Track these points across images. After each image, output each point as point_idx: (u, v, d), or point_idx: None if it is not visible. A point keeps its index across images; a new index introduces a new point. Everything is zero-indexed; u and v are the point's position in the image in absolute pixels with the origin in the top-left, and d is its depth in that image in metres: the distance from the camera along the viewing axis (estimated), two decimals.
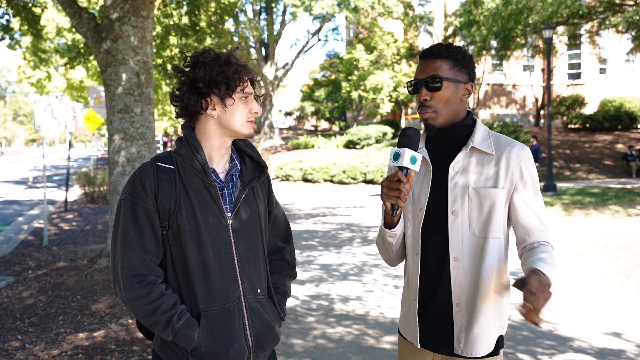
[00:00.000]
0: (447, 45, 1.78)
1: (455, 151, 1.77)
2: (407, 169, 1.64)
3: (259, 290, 1.71)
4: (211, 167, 1.68)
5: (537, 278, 1.49)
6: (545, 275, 1.53)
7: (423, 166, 1.81)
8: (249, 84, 1.67)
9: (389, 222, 1.79)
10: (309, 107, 39.93)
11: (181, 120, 1.73)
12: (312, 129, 42.06)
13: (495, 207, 1.71)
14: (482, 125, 1.80)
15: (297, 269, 2.32)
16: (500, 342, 1.77)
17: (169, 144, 34.56)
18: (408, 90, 1.83)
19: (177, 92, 1.66)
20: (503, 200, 1.71)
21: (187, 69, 1.64)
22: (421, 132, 1.84)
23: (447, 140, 1.80)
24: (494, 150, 1.73)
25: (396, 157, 1.65)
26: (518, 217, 1.73)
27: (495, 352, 1.75)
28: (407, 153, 1.63)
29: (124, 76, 6.74)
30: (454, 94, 1.75)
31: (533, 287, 1.46)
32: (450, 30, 26.99)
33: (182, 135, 1.72)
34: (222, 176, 1.70)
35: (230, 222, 1.66)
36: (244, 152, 1.77)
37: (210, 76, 1.60)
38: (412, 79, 1.81)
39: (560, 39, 27.81)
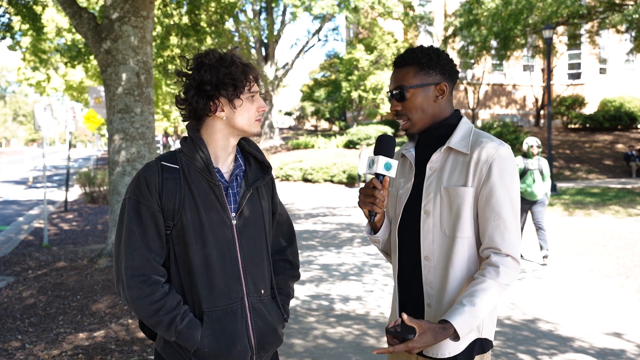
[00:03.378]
0: (412, 51, 1.76)
1: (435, 151, 1.77)
2: (383, 175, 1.66)
3: (262, 291, 1.70)
4: (216, 167, 1.68)
5: (428, 334, 1.53)
6: (449, 329, 1.54)
7: (408, 167, 1.83)
8: (255, 82, 1.67)
9: (372, 227, 1.84)
10: (309, 107, 39.91)
11: (181, 120, 1.73)
12: (312, 129, 42.04)
13: (463, 206, 1.67)
14: (466, 124, 1.77)
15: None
16: (479, 347, 1.70)
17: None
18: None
19: (184, 96, 1.64)
20: (471, 198, 1.67)
21: (192, 72, 1.62)
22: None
23: (430, 141, 1.80)
24: (469, 150, 1.70)
25: (371, 164, 1.67)
26: (479, 215, 1.68)
27: (468, 356, 1.68)
28: (381, 160, 1.65)
29: (124, 76, 6.74)
30: (425, 99, 1.74)
31: (416, 343, 1.53)
32: (450, 30, 26.97)
33: (186, 135, 1.71)
34: (226, 176, 1.70)
35: (234, 222, 1.66)
36: (248, 152, 1.76)
37: (218, 78, 1.59)
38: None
39: (560, 39, 27.81)
